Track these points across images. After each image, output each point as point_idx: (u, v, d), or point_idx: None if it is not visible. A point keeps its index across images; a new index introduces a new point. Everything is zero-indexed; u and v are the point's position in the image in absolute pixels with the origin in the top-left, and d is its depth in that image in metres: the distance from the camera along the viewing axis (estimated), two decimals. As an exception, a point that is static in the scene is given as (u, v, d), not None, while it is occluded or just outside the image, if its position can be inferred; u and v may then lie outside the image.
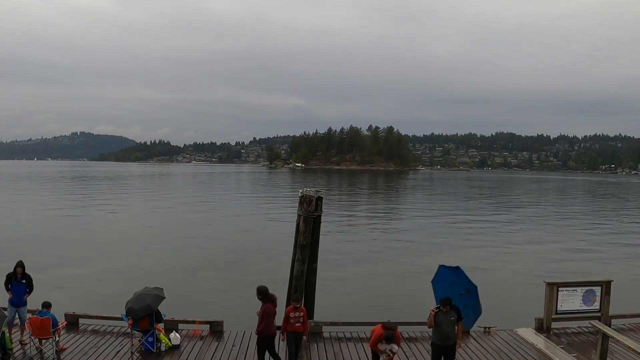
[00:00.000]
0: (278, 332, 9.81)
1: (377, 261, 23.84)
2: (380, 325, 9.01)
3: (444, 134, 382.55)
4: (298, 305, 9.49)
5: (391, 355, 8.74)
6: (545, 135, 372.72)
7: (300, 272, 12.10)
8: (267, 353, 9.56)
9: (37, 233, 30.09)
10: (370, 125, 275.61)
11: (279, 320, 9.70)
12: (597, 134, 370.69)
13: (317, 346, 10.98)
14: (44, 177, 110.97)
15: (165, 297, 10.57)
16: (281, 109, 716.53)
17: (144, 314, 10.13)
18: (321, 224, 12.50)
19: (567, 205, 62.23)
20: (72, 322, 11.67)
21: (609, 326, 10.74)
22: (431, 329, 9.11)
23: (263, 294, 9.49)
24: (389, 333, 8.44)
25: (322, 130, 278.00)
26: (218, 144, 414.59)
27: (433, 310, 8.80)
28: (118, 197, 59.05)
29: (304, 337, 9.76)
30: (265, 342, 9.54)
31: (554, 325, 12.20)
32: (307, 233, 12.04)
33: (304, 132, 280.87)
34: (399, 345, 8.97)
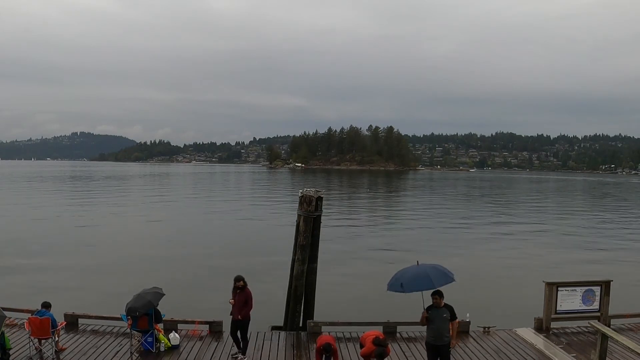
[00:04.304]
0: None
1: (377, 261, 23.83)
2: (371, 335, 8.81)
3: (444, 134, 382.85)
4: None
5: None
6: (545, 135, 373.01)
7: (300, 272, 12.11)
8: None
9: (37, 233, 30.11)
10: (370, 125, 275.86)
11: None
12: (597, 134, 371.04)
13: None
14: (42, 177, 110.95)
15: (165, 294, 10.58)
16: (281, 109, 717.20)
17: (146, 311, 10.13)
18: (321, 224, 12.51)
19: (567, 205, 62.23)
20: (72, 322, 11.66)
21: (609, 326, 10.75)
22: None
23: (245, 280, 10.14)
24: (381, 350, 8.23)
25: (322, 130, 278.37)
26: (218, 144, 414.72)
27: (425, 313, 8.56)
28: (117, 197, 59.08)
29: None
30: (244, 325, 10.15)
31: (554, 325, 12.20)
32: (307, 233, 12.05)
33: (304, 132, 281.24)
34: (388, 353, 8.87)
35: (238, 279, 10.12)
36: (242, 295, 10.07)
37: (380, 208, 53.45)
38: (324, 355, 9.11)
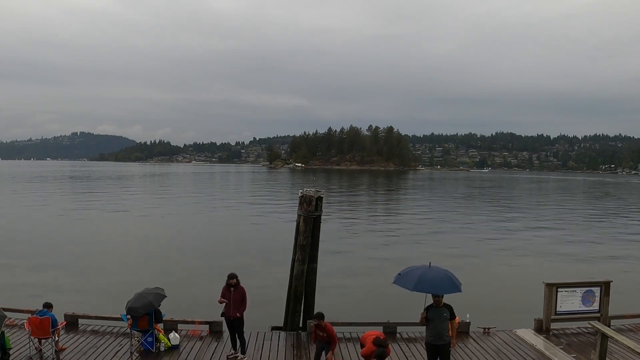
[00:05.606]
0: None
1: (377, 261, 23.85)
2: (371, 335, 8.81)
3: (444, 134, 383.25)
4: (317, 323, 9.36)
5: None
6: (545, 135, 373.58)
7: (300, 272, 12.11)
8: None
9: (37, 233, 30.11)
10: (370, 125, 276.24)
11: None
12: (597, 134, 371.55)
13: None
14: (42, 177, 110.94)
15: (166, 296, 10.58)
16: (281, 109, 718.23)
17: (146, 311, 10.14)
18: (321, 224, 12.51)
19: (566, 205, 62.21)
20: (72, 323, 11.67)
21: (609, 327, 10.75)
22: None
23: (238, 278, 10.16)
24: (381, 350, 8.22)
25: (322, 130, 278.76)
26: (218, 144, 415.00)
27: (424, 314, 8.62)
28: (118, 197, 59.04)
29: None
30: (241, 324, 10.15)
31: (554, 326, 12.20)
32: (307, 233, 12.05)
33: (304, 132, 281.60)
34: (389, 353, 8.88)
35: (232, 276, 10.13)
36: (237, 293, 10.08)
37: (381, 208, 53.43)
38: (316, 328, 9.26)
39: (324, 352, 9.41)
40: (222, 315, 10.33)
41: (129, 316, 10.23)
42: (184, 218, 39.65)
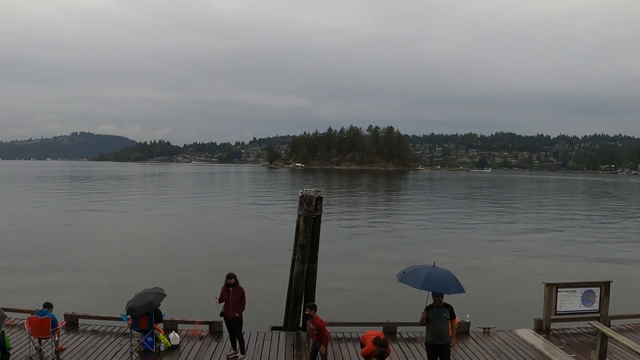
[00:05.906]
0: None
1: (377, 261, 23.84)
2: (371, 335, 8.81)
3: (444, 134, 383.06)
4: (308, 313, 9.45)
5: None
6: (545, 135, 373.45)
7: (300, 272, 12.11)
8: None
9: (37, 233, 30.12)
10: (370, 125, 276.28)
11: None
12: (597, 134, 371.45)
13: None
14: (42, 177, 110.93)
15: (166, 295, 10.58)
16: (281, 109, 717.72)
17: (146, 311, 10.14)
18: (321, 224, 12.51)
19: (566, 205, 62.20)
20: (72, 323, 11.67)
21: (609, 327, 10.75)
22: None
23: (237, 278, 10.19)
24: (381, 350, 8.24)
25: (322, 130, 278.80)
26: (218, 144, 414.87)
27: (424, 314, 8.64)
28: (117, 197, 59.04)
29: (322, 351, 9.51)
30: (240, 324, 10.15)
31: (553, 326, 12.20)
32: (307, 233, 12.04)
33: (304, 132, 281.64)
34: (389, 353, 8.88)
35: (230, 276, 10.14)
36: (235, 292, 10.08)
37: (381, 208, 53.41)
38: (308, 319, 9.36)
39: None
40: (221, 315, 10.33)
41: (129, 316, 10.23)
42: (184, 218, 39.64)
